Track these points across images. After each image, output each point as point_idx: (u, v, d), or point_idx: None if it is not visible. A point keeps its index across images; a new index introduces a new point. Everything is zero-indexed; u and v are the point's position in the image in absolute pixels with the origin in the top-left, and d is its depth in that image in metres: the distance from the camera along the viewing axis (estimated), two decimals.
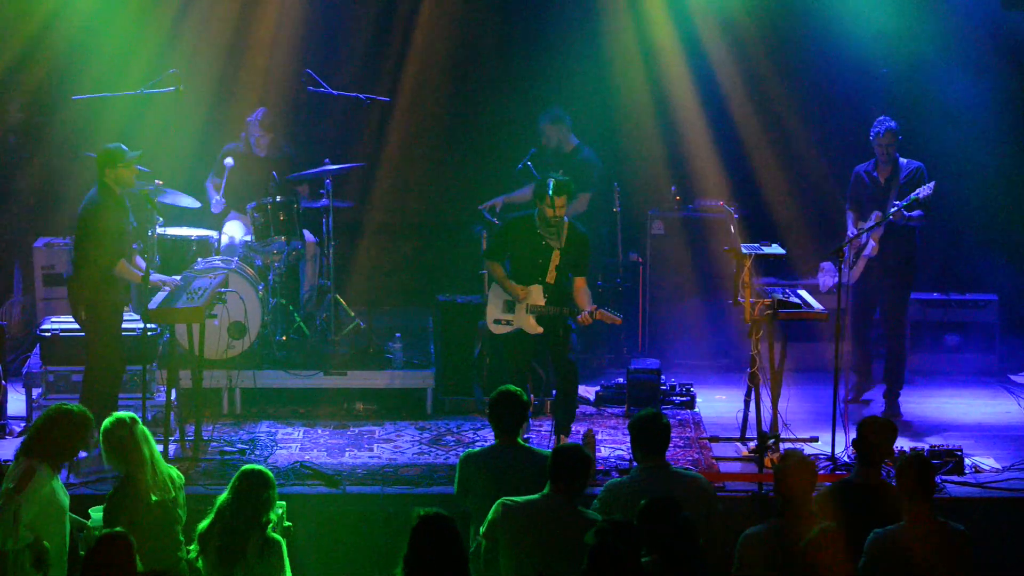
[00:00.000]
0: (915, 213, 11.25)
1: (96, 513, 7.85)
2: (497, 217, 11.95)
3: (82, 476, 9.75)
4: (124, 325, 10.76)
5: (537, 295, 10.31)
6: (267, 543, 7.39)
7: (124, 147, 10.26)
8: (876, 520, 7.39)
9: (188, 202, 11.90)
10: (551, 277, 10.31)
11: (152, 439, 7.96)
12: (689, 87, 13.27)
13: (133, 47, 12.73)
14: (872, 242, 11.37)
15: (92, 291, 10.22)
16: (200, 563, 7.45)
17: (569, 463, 7.46)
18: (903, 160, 11.47)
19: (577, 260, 10.36)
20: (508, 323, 10.42)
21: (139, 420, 7.95)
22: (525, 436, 10.36)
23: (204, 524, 7.48)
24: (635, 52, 13.25)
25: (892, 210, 11.09)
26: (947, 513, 7.60)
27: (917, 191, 11.04)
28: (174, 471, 8.02)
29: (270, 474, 7.51)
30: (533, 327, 10.33)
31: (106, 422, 7.94)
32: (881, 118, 11.50)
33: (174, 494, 7.90)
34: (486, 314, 10.58)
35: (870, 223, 11.29)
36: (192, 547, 7.51)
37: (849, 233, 11.46)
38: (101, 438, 7.93)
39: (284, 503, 7.78)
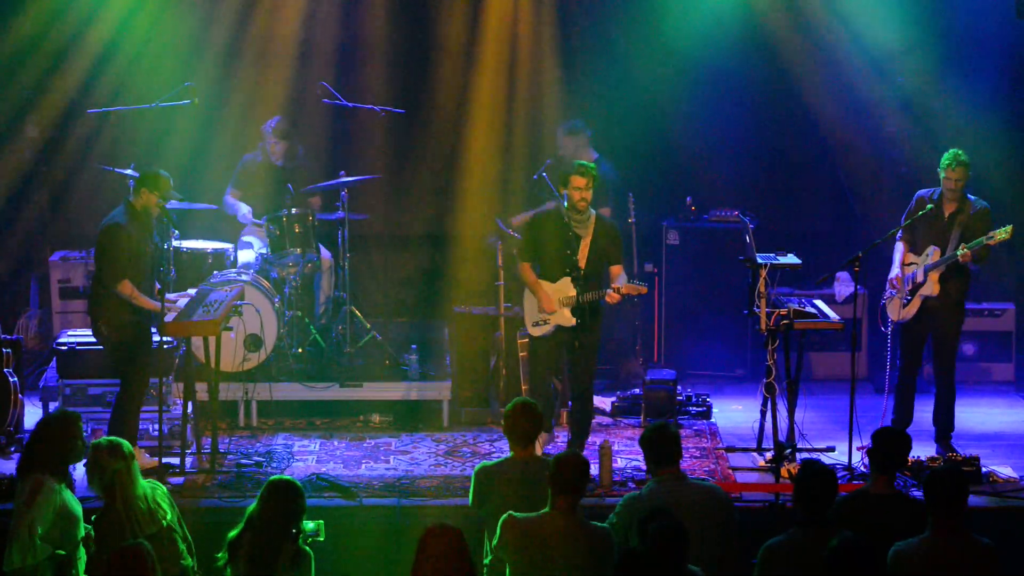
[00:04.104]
0: (974, 268, 10.69)
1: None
2: (516, 231, 11.94)
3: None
4: None
5: (567, 287, 10.31)
6: (299, 554, 7.39)
7: (171, 179, 10.30)
8: (890, 530, 7.37)
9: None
10: (582, 265, 10.32)
11: (140, 482, 7.80)
12: (704, 97, 13.27)
13: (148, 59, 12.78)
14: (931, 281, 10.66)
15: (107, 309, 10.20)
16: (228, 571, 7.42)
17: (569, 475, 7.43)
18: (972, 197, 10.77)
19: (608, 249, 10.38)
20: (546, 322, 10.41)
21: (135, 458, 7.82)
22: (547, 449, 10.40)
23: (234, 533, 7.45)
24: (651, 62, 13.25)
25: (958, 252, 10.47)
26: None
27: (989, 236, 10.42)
28: (165, 503, 7.87)
29: (299, 484, 7.50)
30: (568, 319, 10.33)
31: (102, 439, 7.88)
32: (954, 150, 10.68)
33: (166, 524, 7.78)
34: (525, 320, 10.56)
35: (935, 260, 10.65)
36: (220, 555, 7.48)
37: (895, 270, 10.81)
38: (90, 451, 7.85)
39: (322, 521, 7.77)
